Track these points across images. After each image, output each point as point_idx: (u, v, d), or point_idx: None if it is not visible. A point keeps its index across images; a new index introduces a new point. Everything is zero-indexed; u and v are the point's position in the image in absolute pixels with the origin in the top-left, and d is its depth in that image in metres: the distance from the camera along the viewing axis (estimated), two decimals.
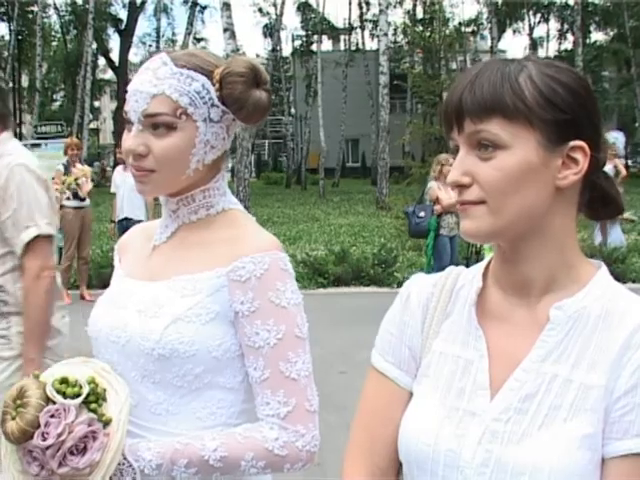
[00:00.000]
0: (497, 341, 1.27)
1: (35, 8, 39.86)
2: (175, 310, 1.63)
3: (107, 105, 66.47)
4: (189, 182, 1.71)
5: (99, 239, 14.73)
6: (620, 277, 10.37)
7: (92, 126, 36.32)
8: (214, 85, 1.66)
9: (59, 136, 16.27)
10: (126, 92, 1.70)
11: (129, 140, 1.67)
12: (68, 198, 10.39)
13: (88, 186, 10.71)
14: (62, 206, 8.37)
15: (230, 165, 19.44)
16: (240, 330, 1.63)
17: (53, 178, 10.69)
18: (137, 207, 10.96)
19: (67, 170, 10.75)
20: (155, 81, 1.64)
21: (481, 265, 1.37)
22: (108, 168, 36.79)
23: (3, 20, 44.78)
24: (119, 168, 11.28)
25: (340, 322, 8.77)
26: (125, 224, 11.03)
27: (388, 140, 24.76)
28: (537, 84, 1.17)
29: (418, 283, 1.42)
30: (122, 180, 11.04)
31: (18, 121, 48.63)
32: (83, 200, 10.71)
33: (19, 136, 29.63)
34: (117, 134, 40.31)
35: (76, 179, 10.47)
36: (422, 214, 9.63)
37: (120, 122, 40.45)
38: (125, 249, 1.94)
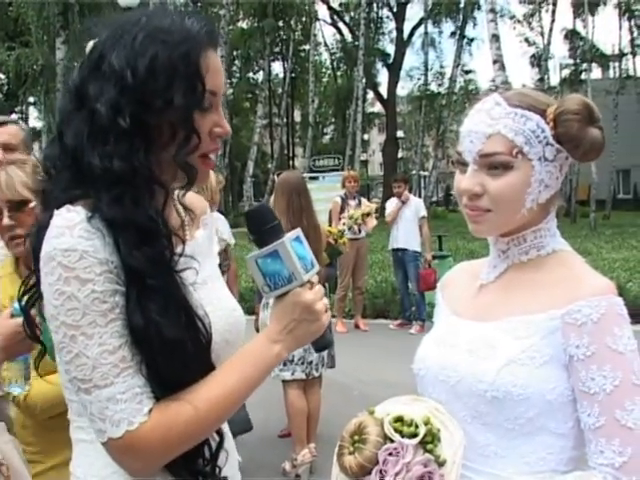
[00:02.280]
0: None
1: (307, 47, 41.80)
2: (509, 352, 1.62)
3: (375, 138, 68.17)
4: (522, 222, 1.70)
5: (372, 269, 15.05)
6: None
7: (362, 158, 37.27)
8: (548, 124, 1.65)
9: (335, 169, 16.84)
10: (394, 124, 1.72)
11: (465, 180, 1.69)
12: (343, 232, 10.67)
13: (373, 222, 10.98)
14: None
15: None
16: (574, 375, 1.58)
17: (330, 211, 11.09)
18: (412, 238, 11.09)
19: (344, 202, 11.09)
20: (490, 121, 1.66)
21: None
22: (375, 199, 37.64)
23: (278, 59, 47.33)
24: (393, 200, 11.44)
25: None
26: (400, 255, 11.22)
27: None
28: None
29: None
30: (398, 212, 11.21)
31: (291, 154, 51.18)
32: (359, 232, 10.99)
33: (292, 169, 31.00)
34: (386, 166, 41.16)
35: (363, 214, 10.76)
36: None
37: (388, 154, 41.40)
38: (449, 286, 1.97)
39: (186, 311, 1.51)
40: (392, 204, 11.39)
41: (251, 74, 47.57)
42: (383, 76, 53.58)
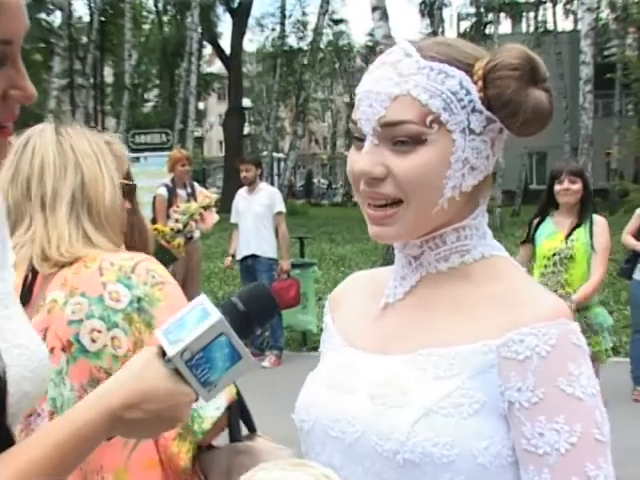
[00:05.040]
0: None
1: None
2: (426, 398, 1.57)
3: (214, 108, 68.32)
4: (440, 217, 1.66)
5: (209, 281, 15.06)
6: None
7: (196, 134, 37.26)
8: (475, 83, 1.61)
9: (161, 148, 16.69)
10: (239, 90, 1.68)
11: (361, 159, 1.63)
12: (179, 231, 10.44)
13: (213, 218, 10.83)
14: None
15: None
16: (516, 428, 1.55)
17: (154, 204, 10.86)
18: (266, 241, 11.06)
19: (171, 193, 10.91)
20: (396, 78, 1.60)
21: None
22: (214, 188, 37.69)
23: None
24: (242, 191, 11.38)
25: None
26: (251, 263, 11.16)
27: (591, 154, 23.99)
28: None
29: None
30: (246, 207, 11.16)
31: (100, 127, 50.56)
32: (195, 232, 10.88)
33: None
34: (227, 145, 41.15)
35: (203, 208, 10.59)
36: None
37: (231, 129, 41.39)
38: (340, 306, 1.93)
39: None
40: (241, 197, 11.36)
41: (44, 15, 46.68)
42: (225, 25, 53.59)
